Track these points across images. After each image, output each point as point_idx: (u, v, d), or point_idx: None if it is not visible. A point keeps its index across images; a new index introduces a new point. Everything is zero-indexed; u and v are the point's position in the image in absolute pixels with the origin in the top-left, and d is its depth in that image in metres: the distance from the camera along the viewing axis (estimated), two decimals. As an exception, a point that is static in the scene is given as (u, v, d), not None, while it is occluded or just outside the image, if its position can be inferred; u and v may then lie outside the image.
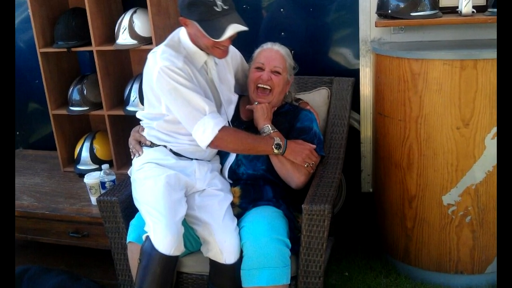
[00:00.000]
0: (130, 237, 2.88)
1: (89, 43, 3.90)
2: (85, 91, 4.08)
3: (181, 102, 2.76)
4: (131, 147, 3.10)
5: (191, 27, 2.78)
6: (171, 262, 2.73)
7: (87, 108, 4.09)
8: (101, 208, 3.07)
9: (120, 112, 3.96)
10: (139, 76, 3.90)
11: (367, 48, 3.70)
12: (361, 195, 4.01)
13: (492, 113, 3.04)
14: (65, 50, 3.97)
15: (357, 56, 3.81)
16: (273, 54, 3.14)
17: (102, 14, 3.90)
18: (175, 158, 2.98)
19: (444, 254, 3.35)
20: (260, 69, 3.11)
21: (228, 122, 3.06)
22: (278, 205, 2.97)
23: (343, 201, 4.07)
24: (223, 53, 2.86)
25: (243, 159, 3.06)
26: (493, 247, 3.30)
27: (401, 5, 3.37)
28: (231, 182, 3.11)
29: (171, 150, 2.98)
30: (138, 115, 3.09)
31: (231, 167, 3.10)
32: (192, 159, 3.01)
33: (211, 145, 2.80)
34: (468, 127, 3.07)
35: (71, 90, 4.14)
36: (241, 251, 2.79)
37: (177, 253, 2.70)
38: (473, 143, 3.09)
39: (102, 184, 3.54)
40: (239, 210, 2.98)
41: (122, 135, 4.06)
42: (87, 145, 4.20)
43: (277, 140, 2.93)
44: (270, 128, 3.00)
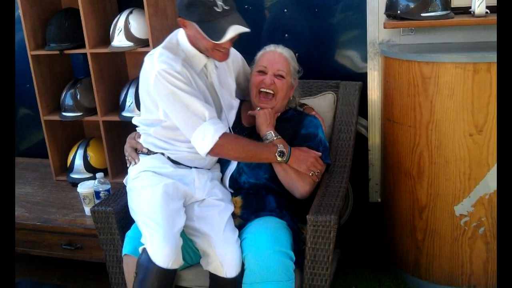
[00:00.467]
0: (126, 249, 2.88)
1: (83, 45, 3.91)
2: (78, 96, 4.09)
3: (179, 107, 2.77)
4: (126, 154, 3.10)
5: (190, 28, 2.78)
6: (169, 276, 2.72)
7: (80, 113, 4.10)
8: (95, 219, 3.07)
9: (116, 118, 3.97)
10: (135, 80, 3.90)
11: (375, 51, 3.71)
12: (369, 205, 4.01)
13: (506, 119, 3.04)
14: (58, 52, 3.99)
15: (364, 59, 3.81)
16: (276, 57, 3.15)
17: (97, 15, 3.92)
18: (173, 166, 2.98)
19: (456, 267, 3.35)
20: (262, 72, 3.12)
21: (229, 128, 3.06)
22: (281, 215, 2.97)
23: (350, 211, 4.07)
24: (224, 56, 2.86)
25: (245, 168, 3.06)
26: (508, 260, 3.31)
27: (411, 5, 3.37)
28: (232, 191, 3.11)
29: (169, 158, 2.99)
30: (134, 121, 3.10)
31: (232, 175, 3.10)
32: (191, 167, 3.01)
33: (211, 152, 2.81)
34: (481, 133, 3.07)
35: (63, 95, 4.16)
36: (243, 264, 2.79)
37: (175, 266, 2.69)
38: (486, 150, 3.09)
39: (97, 194, 3.54)
40: (241, 221, 2.98)
41: (117, 142, 4.07)
42: (80, 152, 4.21)
43: (281, 147, 2.93)
44: (273, 135, 3.00)
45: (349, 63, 3.94)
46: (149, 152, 3.01)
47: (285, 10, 3.95)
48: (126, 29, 3.78)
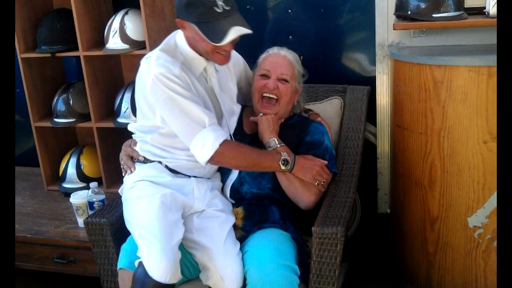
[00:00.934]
0: (121, 263, 2.88)
1: (76, 48, 3.92)
2: (71, 101, 4.10)
3: (177, 113, 2.77)
4: (122, 163, 3.11)
5: (189, 30, 2.78)
6: (166, 291, 2.73)
7: (73, 120, 4.11)
8: (89, 231, 3.07)
9: (110, 125, 3.98)
10: (131, 85, 3.92)
11: (384, 53, 3.72)
12: (377, 216, 4.02)
13: (523, 125, 3.05)
14: (49, 55, 4.00)
15: (373, 62, 3.82)
16: (280, 60, 3.16)
17: (90, 16, 3.93)
18: (171, 175, 2.98)
19: (470, 282, 3.35)
20: (265, 76, 3.12)
21: (230, 135, 3.07)
22: (285, 227, 2.96)
23: (357, 223, 4.07)
24: (225, 59, 2.86)
25: (247, 177, 3.07)
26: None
27: (422, 5, 3.38)
28: (233, 202, 3.11)
29: (166, 167, 2.99)
30: (130, 128, 3.10)
31: (233, 185, 3.10)
32: (190, 176, 3.02)
33: (211, 161, 2.81)
34: (496, 140, 3.07)
35: (55, 100, 4.16)
36: (244, 279, 2.78)
37: (173, 280, 2.69)
38: (502, 158, 3.10)
39: (90, 204, 3.55)
40: (242, 233, 2.98)
41: (112, 149, 4.08)
42: (73, 161, 4.21)
43: (284, 155, 2.93)
44: (277, 142, 3.00)
45: (357, 66, 3.95)
46: (145, 161, 3.01)
47: (289, 11, 3.96)
48: (121, 30, 3.79)
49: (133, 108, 3.80)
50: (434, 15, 3.36)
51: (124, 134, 3.31)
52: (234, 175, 3.11)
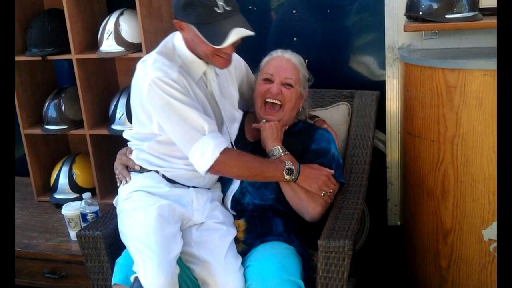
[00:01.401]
0: (116, 278, 2.87)
1: (68, 51, 3.93)
2: (63, 107, 4.11)
3: (175, 119, 2.77)
4: (117, 172, 3.11)
5: (187, 31, 2.78)
6: (164, 308, 2.73)
7: (65, 126, 4.12)
8: (82, 244, 3.07)
9: (104, 132, 3.98)
10: (127, 89, 3.92)
11: (394, 57, 3.72)
12: (387, 228, 4.02)
13: (541, 133, 3.05)
14: (40, 58, 4.01)
15: (382, 65, 3.83)
16: (284, 63, 3.16)
17: (83, 16, 3.94)
18: (169, 185, 2.98)
19: (486, 298, 3.36)
20: (268, 81, 3.12)
21: (231, 143, 3.07)
22: (289, 240, 2.96)
23: (366, 235, 4.07)
24: (225, 62, 2.86)
25: (249, 187, 3.06)
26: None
27: (435, 5, 3.38)
28: (234, 213, 3.11)
29: (164, 176, 2.98)
30: (125, 135, 3.10)
31: (234, 196, 3.10)
32: (188, 186, 3.01)
33: (211, 170, 2.81)
34: None
35: (46, 106, 4.17)
36: (246, 295, 2.79)
37: (171, 297, 2.70)
38: (519, 167, 3.10)
39: (83, 216, 3.55)
40: (244, 246, 2.98)
41: (106, 158, 4.08)
42: (65, 170, 4.22)
43: (289, 164, 2.93)
44: (281, 150, 3.00)
45: (365, 70, 3.96)
46: (142, 170, 3.01)
47: (294, 11, 3.97)
48: (116, 32, 3.80)
49: (128, 114, 3.80)
50: (447, 16, 3.36)
51: (119, 142, 3.31)
52: (235, 185, 3.11)
